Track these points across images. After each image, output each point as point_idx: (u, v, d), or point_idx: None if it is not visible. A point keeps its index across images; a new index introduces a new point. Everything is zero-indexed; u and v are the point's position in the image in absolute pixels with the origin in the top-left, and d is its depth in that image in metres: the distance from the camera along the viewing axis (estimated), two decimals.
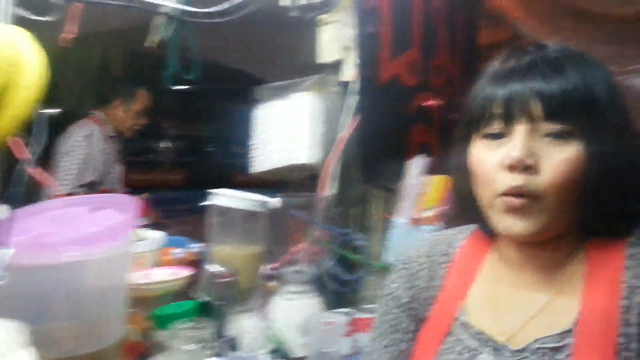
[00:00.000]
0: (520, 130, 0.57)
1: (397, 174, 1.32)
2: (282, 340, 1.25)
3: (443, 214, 1.33)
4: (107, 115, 2.34)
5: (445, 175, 1.29)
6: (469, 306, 0.64)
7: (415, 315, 0.69)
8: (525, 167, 0.56)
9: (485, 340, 0.61)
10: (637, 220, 0.61)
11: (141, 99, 2.41)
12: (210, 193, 1.13)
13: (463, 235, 0.72)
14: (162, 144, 3.54)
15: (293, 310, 1.33)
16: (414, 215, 1.35)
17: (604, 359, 0.54)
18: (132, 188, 2.60)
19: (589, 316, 0.56)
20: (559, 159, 0.56)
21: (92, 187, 2.20)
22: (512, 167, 0.56)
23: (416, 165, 1.29)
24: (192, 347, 0.91)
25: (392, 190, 1.43)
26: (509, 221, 0.57)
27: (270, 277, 1.54)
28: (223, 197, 1.11)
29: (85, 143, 2.22)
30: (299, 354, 1.23)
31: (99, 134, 2.29)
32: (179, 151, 3.87)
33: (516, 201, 0.56)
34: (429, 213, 1.34)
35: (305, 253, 1.40)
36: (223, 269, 1.05)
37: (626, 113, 0.60)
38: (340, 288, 1.55)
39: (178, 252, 1.24)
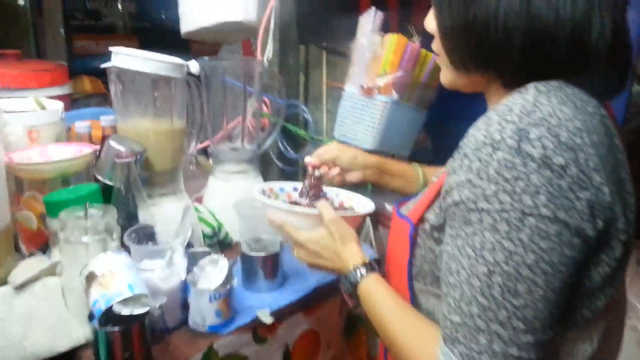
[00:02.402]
0: None
1: (346, 33, 1.10)
2: (217, 224, 1.13)
3: (400, 81, 1.14)
4: None
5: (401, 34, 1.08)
6: None
7: None
8: None
9: None
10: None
11: None
12: (111, 52, 0.91)
13: None
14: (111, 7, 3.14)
15: (230, 191, 1.19)
16: (366, 83, 1.16)
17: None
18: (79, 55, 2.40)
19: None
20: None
21: None
22: None
23: (368, 22, 1.07)
24: (86, 239, 0.77)
25: (339, 53, 1.22)
26: None
27: (203, 156, 1.38)
28: (125, 57, 0.89)
29: None
30: (236, 239, 1.12)
31: None
32: (130, 15, 3.45)
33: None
34: (384, 80, 1.15)
35: (244, 128, 1.22)
36: (128, 146, 0.87)
37: None
38: (284, 167, 1.40)
39: (83, 125, 1.04)
